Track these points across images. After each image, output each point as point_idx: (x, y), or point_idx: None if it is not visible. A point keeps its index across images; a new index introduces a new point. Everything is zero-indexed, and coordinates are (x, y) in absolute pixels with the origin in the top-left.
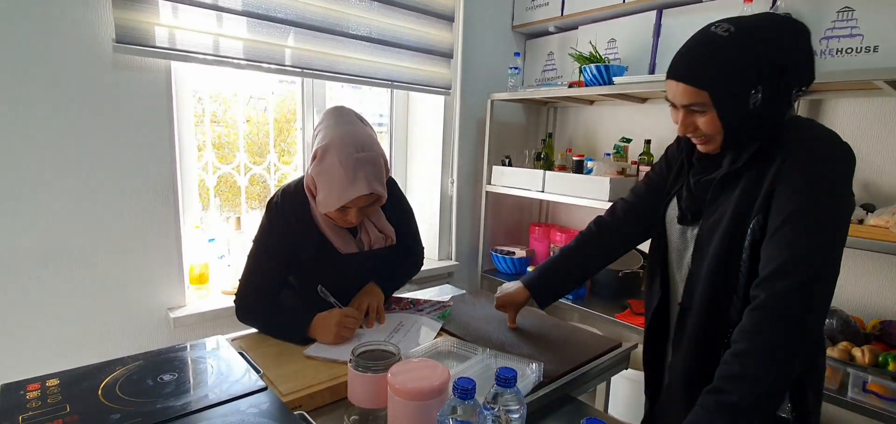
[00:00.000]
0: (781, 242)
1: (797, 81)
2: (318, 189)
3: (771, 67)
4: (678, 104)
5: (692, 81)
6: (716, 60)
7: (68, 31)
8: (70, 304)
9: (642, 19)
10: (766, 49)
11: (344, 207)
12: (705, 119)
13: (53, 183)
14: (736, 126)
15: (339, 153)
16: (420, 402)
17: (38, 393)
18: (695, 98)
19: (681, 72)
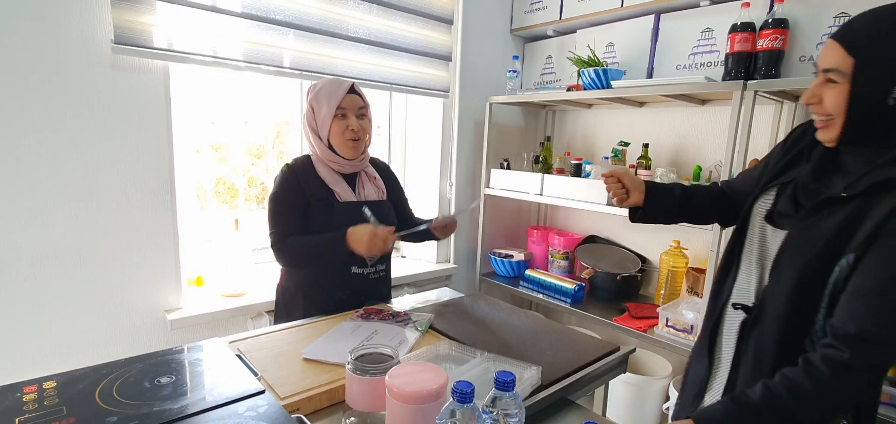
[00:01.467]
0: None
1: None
2: (317, 111)
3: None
4: (820, 66)
5: (844, 42)
6: (877, 29)
7: (66, 31)
8: (67, 306)
9: (640, 23)
10: None
11: (342, 114)
12: (835, 92)
13: (50, 184)
14: (862, 115)
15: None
16: (418, 406)
17: (35, 396)
18: (837, 62)
19: (839, 32)
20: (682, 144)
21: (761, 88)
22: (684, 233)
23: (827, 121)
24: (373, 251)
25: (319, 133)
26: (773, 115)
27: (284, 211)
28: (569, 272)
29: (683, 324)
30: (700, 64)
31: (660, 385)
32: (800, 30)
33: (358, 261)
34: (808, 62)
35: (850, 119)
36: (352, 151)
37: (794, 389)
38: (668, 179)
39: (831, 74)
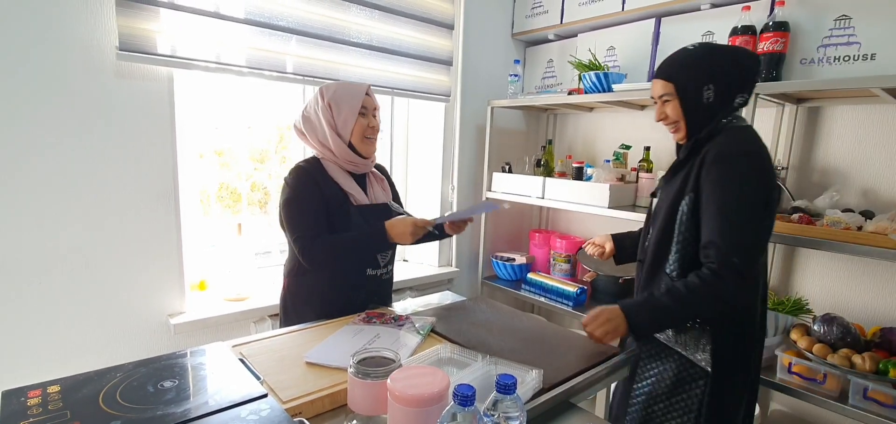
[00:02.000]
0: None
1: (740, 89)
2: (337, 111)
3: (718, 75)
4: (655, 96)
5: (663, 76)
6: (682, 62)
7: (72, 38)
8: (71, 310)
9: (641, 27)
10: (715, 62)
11: (363, 113)
12: (672, 106)
13: (56, 189)
14: (694, 113)
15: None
16: (420, 409)
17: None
18: (665, 90)
19: (658, 70)
20: None
21: (762, 90)
22: None
23: (675, 126)
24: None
25: (341, 132)
26: (775, 117)
27: (308, 211)
28: (570, 275)
29: None
30: None
31: None
32: (800, 32)
33: (372, 263)
34: (810, 65)
35: (688, 118)
36: (370, 149)
37: (688, 284)
38: None
39: (665, 97)
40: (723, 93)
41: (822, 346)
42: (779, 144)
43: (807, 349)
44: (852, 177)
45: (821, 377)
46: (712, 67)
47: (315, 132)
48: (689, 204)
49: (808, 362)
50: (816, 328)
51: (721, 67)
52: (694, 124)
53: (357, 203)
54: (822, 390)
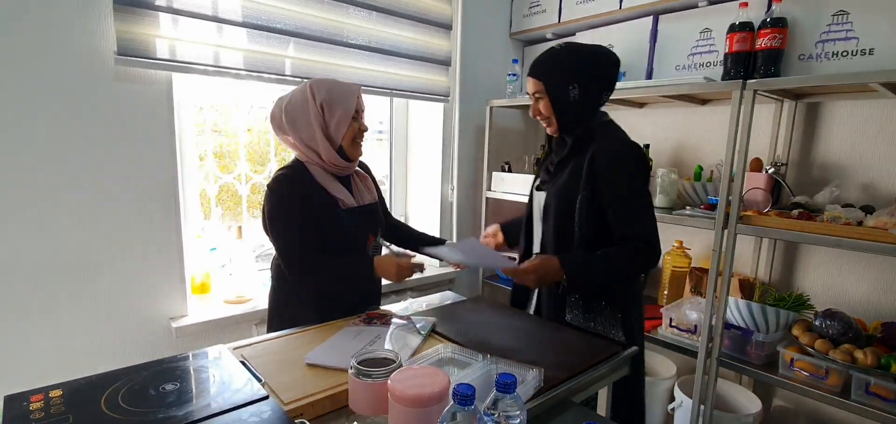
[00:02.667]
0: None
1: (603, 88)
2: (329, 113)
3: (582, 74)
4: (529, 93)
5: (533, 74)
6: (550, 61)
7: (70, 43)
8: (73, 314)
9: (639, 25)
10: (581, 63)
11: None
12: (543, 103)
13: (56, 194)
14: (563, 110)
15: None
16: (420, 409)
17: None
18: (536, 88)
19: (530, 69)
20: (683, 144)
21: (761, 86)
22: (687, 234)
23: (548, 121)
24: (401, 280)
25: (332, 136)
26: (774, 113)
27: (293, 226)
28: None
29: (687, 324)
30: (699, 64)
31: (664, 386)
32: (798, 28)
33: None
34: (808, 60)
35: (557, 114)
36: (359, 152)
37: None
38: (668, 179)
39: (537, 94)
40: (587, 91)
41: (823, 342)
42: (778, 141)
43: (809, 344)
44: (852, 172)
45: (823, 372)
46: (576, 68)
47: (300, 132)
48: (586, 200)
49: (810, 357)
50: (818, 324)
51: (584, 67)
52: (563, 120)
53: (345, 207)
54: (824, 385)
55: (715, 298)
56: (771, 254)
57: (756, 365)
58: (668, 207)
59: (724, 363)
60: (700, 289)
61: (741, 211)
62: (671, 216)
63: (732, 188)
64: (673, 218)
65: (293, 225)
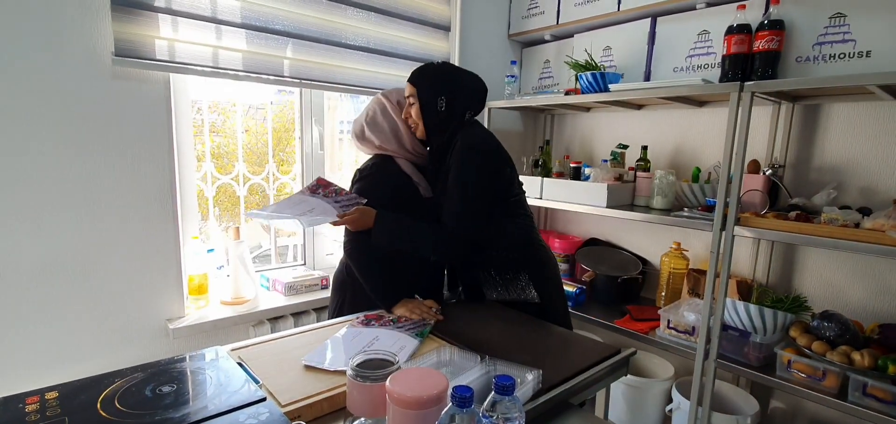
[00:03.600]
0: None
1: (467, 106)
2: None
3: (451, 90)
4: (406, 95)
5: (411, 80)
6: (425, 72)
7: (68, 43)
8: (69, 315)
9: (637, 27)
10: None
11: None
12: (415, 109)
13: (53, 194)
14: (430, 117)
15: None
16: (419, 411)
17: (37, 406)
18: (411, 91)
19: (411, 77)
20: (681, 145)
21: (758, 89)
22: (684, 235)
23: (415, 125)
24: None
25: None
26: (771, 115)
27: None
28: (569, 274)
29: (685, 326)
30: (697, 66)
31: (661, 387)
32: (796, 31)
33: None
34: (805, 62)
35: (425, 120)
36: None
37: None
38: (666, 180)
39: (410, 99)
40: (453, 106)
41: (821, 343)
42: (775, 143)
43: (806, 346)
44: (849, 174)
45: (820, 374)
46: (447, 84)
47: (384, 134)
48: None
49: (808, 359)
50: (815, 326)
51: (455, 85)
52: (429, 126)
53: (425, 194)
54: (821, 387)
55: (713, 299)
56: (768, 256)
57: (754, 367)
58: (665, 208)
59: (722, 365)
60: (698, 291)
61: (739, 213)
62: (669, 218)
63: (730, 190)
64: (671, 220)
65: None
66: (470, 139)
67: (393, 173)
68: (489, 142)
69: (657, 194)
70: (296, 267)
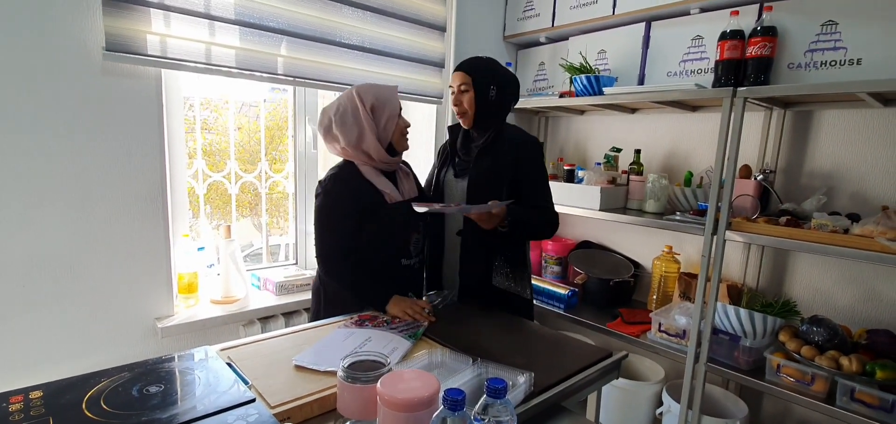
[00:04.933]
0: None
1: (513, 98)
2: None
3: (500, 82)
4: (455, 86)
5: (464, 69)
6: (479, 64)
7: (58, 38)
8: (56, 313)
9: (632, 31)
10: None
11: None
12: (468, 97)
13: (40, 191)
14: (482, 105)
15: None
16: (410, 413)
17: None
18: (464, 80)
19: (462, 66)
20: (674, 149)
21: (750, 94)
22: (676, 239)
23: (465, 114)
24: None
25: (381, 135)
26: (763, 121)
27: (335, 228)
28: (562, 277)
29: (676, 329)
30: (690, 71)
31: (652, 390)
32: (788, 37)
33: (404, 252)
34: (797, 69)
35: (477, 109)
36: (405, 145)
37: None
38: (659, 184)
39: (462, 87)
40: (502, 96)
41: (809, 348)
42: (767, 148)
43: (795, 350)
44: (839, 180)
45: (809, 378)
46: (498, 76)
47: (349, 135)
48: (510, 182)
49: (797, 364)
50: (804, 330)
51: (503, 78)
52: (479, 114)
53: (391, 200)
54: (809, 391)
55: (704, 303)
56: (759, 260)
57: (743, 371)
58: (658, 212)
59: (712, 369)
60: (689, 294)
61: (730, 217)
62: (661, 221)
63: (722, 195)
64: (663, 223)
65: (335, 227)
66: (532, 138)
67: (353, 187)
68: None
69: (650, 198)
70: (287, 266)
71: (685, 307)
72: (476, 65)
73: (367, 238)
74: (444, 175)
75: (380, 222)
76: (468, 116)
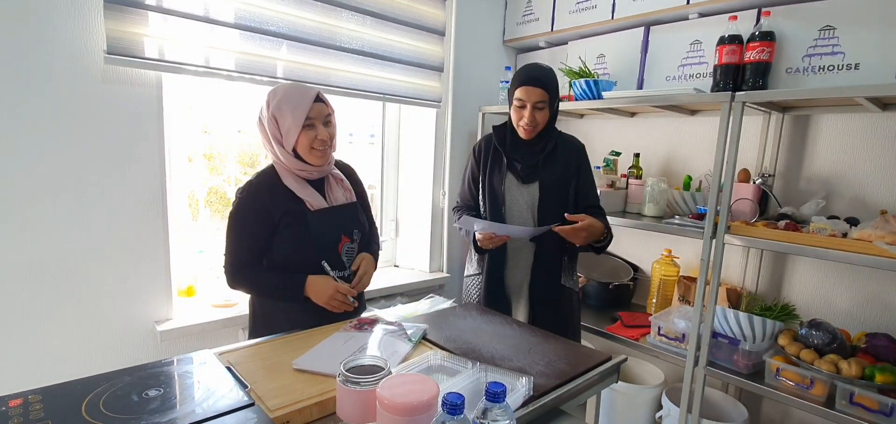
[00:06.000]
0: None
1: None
2: (280, 121)
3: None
4: (531, 102)
5: (542, 86)
6: (552, 78)
7: (59, 42)
8: (55, 317)
9: (630, 35)
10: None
11: (310, 125)
12: (543, 114)
13: (41, 194)
14: (552, 120)
15: (285, 87)
16: (409, 417)
17: (20, 409)
18: (542, 97)
19: (536, 81)
20: (673, 153)
21: (749, 98)
22: (675, 243)
23: (537, 127)
24: (331, 306)
25: (284, 144)
26: (761, 125)
27: (242, 237)
28: None
29: (675, 333)
30: (689, 75)
31: (652, 394)
32: (786, 42)
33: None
34: (795, 74)
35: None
36: (320, 160)
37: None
38: (658, 188)
39: (541, 104)
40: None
41: (809, 351)
42: (765, 152)
43: (794, 354)
44: (837, 184)
45: (808, 382)
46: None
47: (266, 140)
48: (575, 187)
49: (796, 367)
50: (804, 334)
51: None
52: (548, 127)
53: (314, 209)
54: (809, 395)
55: (703, 307)
56: (758, 264)
57: (743, 374)
58: (657, 215)
59: (712, 372)
60: (688, 298)
61: (729, 221)
62: (660, 225)
63: (721, 198)
64: (662, 227)
65: (241, 236)
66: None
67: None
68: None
69: (649, 202)
70: None
71: (684, 310)
72: (551, 79)
73: (284, 251)
74: (502, 182)
75: (299, 230)
76: (535, 130)
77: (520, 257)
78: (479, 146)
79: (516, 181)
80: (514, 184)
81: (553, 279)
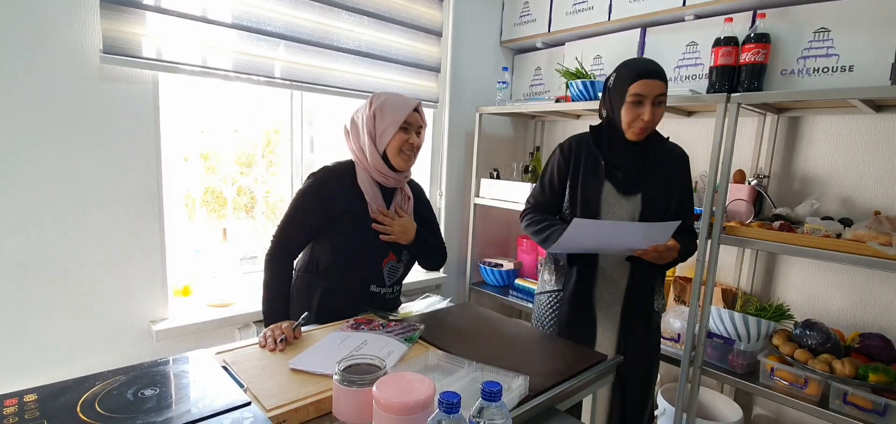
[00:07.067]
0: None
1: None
2: (379, 120)
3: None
4: (652, 95)
5: (663, 79)
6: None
7: (55, 41)
8: (51, 316)
9: (627, 36)
10: None
11: (405, 128)
12: (661, 110)
13: (37, 193)
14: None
15: (389, 92)
16: (405, 416)
17: (15, 409)
18: (663, 89)
19: (659, 74)
20: None
21: (744, 100)
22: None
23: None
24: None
25: (377, 141)
26: (757, 126)
27: (296, 215)
28: None
29: (671, 333)
30: (685, 77)
31: None
32: (781, 44)
33: (377, 280)
34: (790, 75)
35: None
36: (404, 164)
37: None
38: None
39: (660, 99)
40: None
41: (803, 351)
42: (761, 153)
43: (788, 354)
44: (831, 185)
45: (802, 382)
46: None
47: (357, 137)
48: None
49: (790, 367)
50: (798, 334)
51: None
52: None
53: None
54: (803, 395)
55: (698, 307)
56: (753, 264)
57: (737, 374)
58: None
59: (707, 372)
60: (683, 298)
61: (724, 222)
62: None
63: (716, 199)
64: None
65: (297, 221)
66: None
67: (341, 184)
68: None
69: None
70: None
71: (680, 310)
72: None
73: (334, 248)
74: (600, 192)
75: (353, 228)
76: (649, 130)
77: (613, 275)
78: (569, 145)
79: (615, 191)
80: (612, 194)
81: (646, 302)
